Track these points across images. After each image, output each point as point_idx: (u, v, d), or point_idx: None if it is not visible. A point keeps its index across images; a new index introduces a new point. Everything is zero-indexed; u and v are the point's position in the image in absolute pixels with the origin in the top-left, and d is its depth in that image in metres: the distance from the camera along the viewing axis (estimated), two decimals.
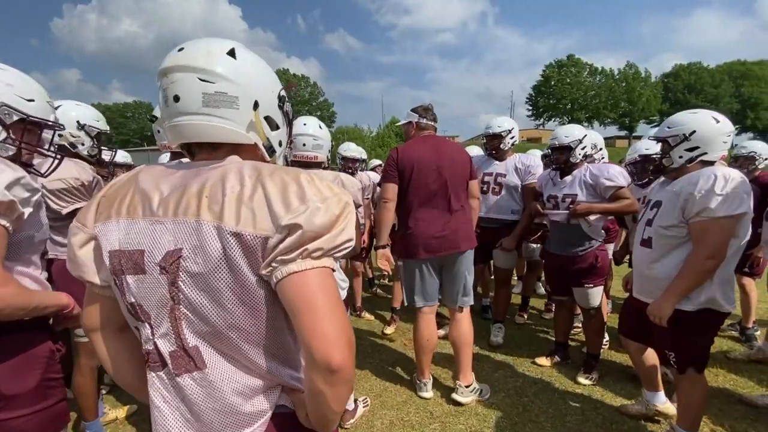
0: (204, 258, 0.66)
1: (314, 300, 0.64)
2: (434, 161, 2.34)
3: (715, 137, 1.75)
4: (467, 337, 2.47)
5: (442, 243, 2.36)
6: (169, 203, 0.70)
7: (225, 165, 0.72)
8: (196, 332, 0.70)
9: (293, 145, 1.99)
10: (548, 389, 2.63)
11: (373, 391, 2.65)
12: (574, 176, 2.69)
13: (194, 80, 0.71)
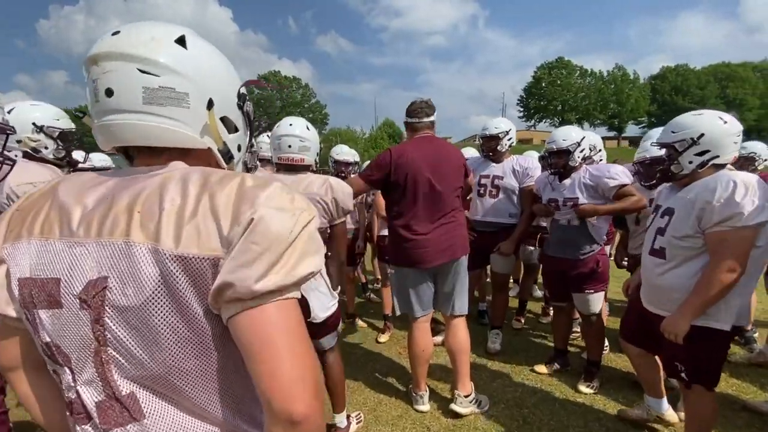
0: (136, 288, 0.54)
1: (273, 341, 0.53)
2: (432, 166, 2.22)
3: (724, 139, 1.65)
4: (464, 345, 2.38)
5: (438, 252, 2.25)
6: (92, 220, 0.57)
7: (166, 172, 0.61)
8: (129, 377, 0.58)
9: (278, 147, 1.87)
10: (548, 399, 2.54)
11: (366, 405, 2.53)
12: (573, 179, 2.61)
13: (133, 72, 0.59)
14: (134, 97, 0.60)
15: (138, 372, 0.57)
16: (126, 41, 0.60)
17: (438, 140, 2.38)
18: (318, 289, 1.93)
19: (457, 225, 2.32)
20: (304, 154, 1.89)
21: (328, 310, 1.97)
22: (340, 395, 2.14)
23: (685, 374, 1.73)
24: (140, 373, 0.57)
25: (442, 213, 2.26)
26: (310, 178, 1.87)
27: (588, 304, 2.60)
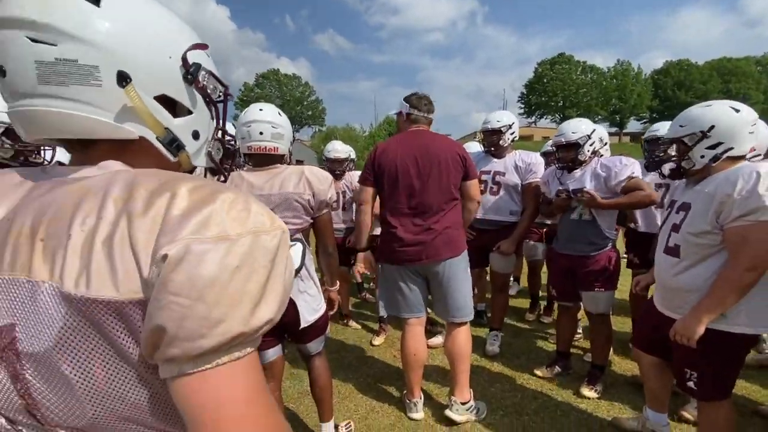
0: (49, 338, 0.42)
1: (214, 410, 0.41)
2: (417, 162, 2.09)
3: (738, 129, 1.52)
4: (464, 350, 2.23)
5: (420, 251, 2.11)
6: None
7: (87, 179, 0.48)
8: (69, 428, 0.46)
9: (247, 135, 1.71)
10: (550, 405, 2.41)
11: (357, 413, 2.40)
12: (584, 170, 2.47)
13: (23, 41, 0.45)
14: (28, 74, 0.46)
15: (75, 421, 0.46)
16: (14, 1, 0.45)
17: (430, 134, 2.23)
18: (307, 291, 1.79)
19: (446, 224, 2.14)
20: (278, 143, 1.72)
21: (317, 312, 1.84)
22: (327, 403, 2.00)
23: (695, 383, 1.59)
24: (77, 422, 0.46)
25: (427, 209, 2.12)
26: (285, 174, 1.70)
27: (598, 303, 2.46)
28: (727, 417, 1.60)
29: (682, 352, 1.61)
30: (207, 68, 0.58)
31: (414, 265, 2.15)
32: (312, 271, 1.84)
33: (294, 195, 1.68)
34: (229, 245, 0.42)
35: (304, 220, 1.74)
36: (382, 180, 2.14)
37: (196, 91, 0.58)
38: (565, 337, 2.78)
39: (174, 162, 0.56)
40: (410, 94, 2.29)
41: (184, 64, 0.54)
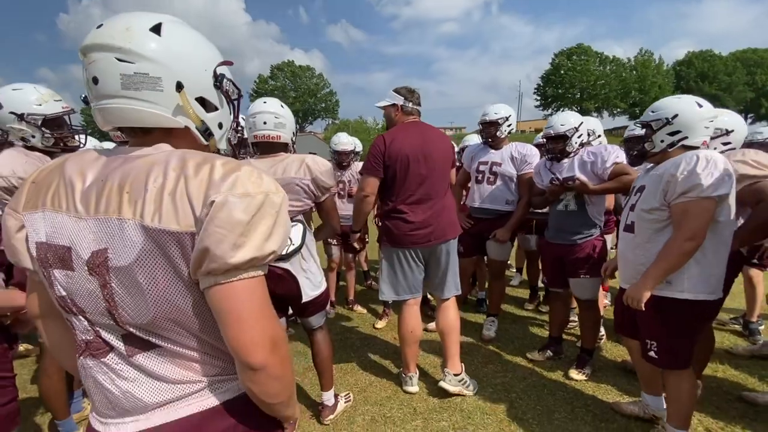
0: (132, 256, 0.63)
1: (238, 311, 0.64)
2: (423, 151, 2.25)
3: (696, 122, 1.71)
4: (454, 324, 2.43)
5: (429, 233, 2.28)
6: (90, 198, 0.66)
7: (152, 155, 0.69)
8: (138, 325, 0.68)
9: (253, 125, 1.89)
10: (538, 385, 2.55)
11: (357, 386, 2.58)
12: (572, 159, 2.58)
13: (112, 60, 0.66)
14: (114, 83, 0.67)
15: (141, 320, 0.67)
16: (106, 33, 0.66)
17: (426, 125, 2.40)
18: (309, 270, 1.97)
19: (447, 208, 2.36)
20: (280, 131, 1.89)
21: (317, 288, 2.02)
22: (328, 374, 2.19)
23: (655, 353, 1.77)
24: (143, 321, 0.67)
25: (433, 196, 2.29)
26: (287, 161, 1.88)
27: (583, 289, 2.58)
28: (689, 387, 1.75)
29: (643, 325, 1.80)
30: (228, 77, 0.80)
31: (423, 246, 2.31)
32: (313, 251, 2.01)
33: (295, 179, 1.85)
34: (250, 199, 0.63)
35: (305, 203, 1.92)
36: (393, 170, 2.25)
37: (221, 94, 0.79)
38: (556, 322, 2.91)
39: (205, 145, 0.77)
40: (400, 87, 2.41)
41: (214, 75, 0.76)
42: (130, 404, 0.70)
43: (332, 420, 2.20)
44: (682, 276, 1.67)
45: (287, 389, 0.73)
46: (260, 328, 0.65)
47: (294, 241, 1.88)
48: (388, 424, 2.19)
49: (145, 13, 0.70)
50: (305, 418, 2.25)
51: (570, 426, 2.15)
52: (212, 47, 0.77)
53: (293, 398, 0.77)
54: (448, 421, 2.21)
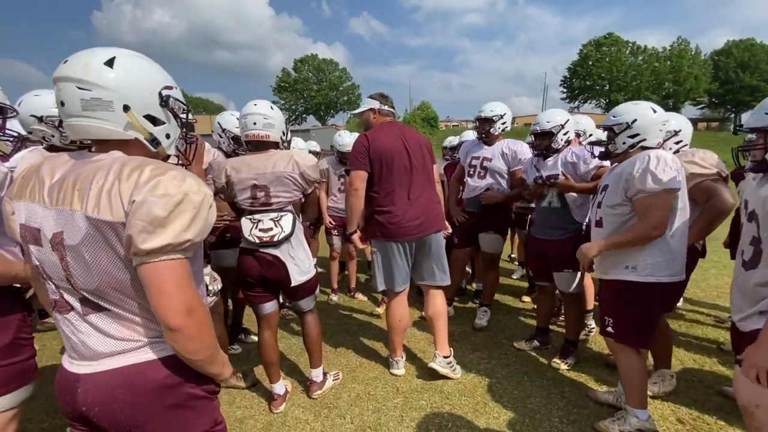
0: (79, 238, 0.83)
1: (159, 284, 0.82)
2: (403, 146, 2.39)
3: (652, 125, 1.91)
4: (441, 310, 2.58)
5: (418, 225, 2.42)
6: (53, 192, 0.86)
7: (102, 160, 0.87)
8: (88, 290, 0.88)
9: (244, 125, 2.08)
10: (520, 372, 2.66)
11: (348, 366, 2.77)
12: (555, 158, 2.66)
13: (73, 89, 0.85)
14: (76, 105, 0.85)
15: (91, 286, 0.86)
16: (69, 68, 0.85)
17: (402, 125, 2.56)
18: (296, 257, 2.14)
19: (431, 201, 2.49)
20: (269, 131, 2.07)
21: (306, 274, 2.19)
22: (317, 352, 2.38)
23: (612, 326, 1.96)
24: (93, 287, 0.86)
25: (419, 188, 2.43)
26: (276, 157, 2.06)
27: (567, 282, 2.66)
28: (639, 366, 1.94)
29: (604, 303, 2.06)
30: (174, 96, 0.98)
31: (413, 238, 2.44)
32: (302, 239, 2.19)
33: (284, 173, 2.03)
34: (168, 198, 0.81)
35: (294, 194, 2.10)
36: (378, 164, 2.39)
37: (168, 111, 0.96)
38: (544, 314, 3.00)
39: (154, 152, 0.96)
40: (374, 93, 2.59)
41: (160, 96, 0.94)
42: (86, 352, 0.90)
43: (320, 395, 2.39)
44: (646, 261, 1.85)
45: (206, 349, 0.90)
46: (177, 297, 0.82)
47: (284, 229, 2.06)
48: (371, 401, 2.37)
49: (103, 49, 0.88)
50: (297, 393, 2.45)
51: (542, 410, 2.26)
52: (160, 73, 0.95)
53: (216, 358, 0.94)
54: (427, 400, 2.36)
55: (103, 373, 0.89)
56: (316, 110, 55.22)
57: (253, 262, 2.09)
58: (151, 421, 0.91)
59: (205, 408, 0.99)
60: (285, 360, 2.86)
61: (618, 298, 1.95)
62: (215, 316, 2.39)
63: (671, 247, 1.85)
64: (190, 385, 0.95)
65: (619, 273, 1.93)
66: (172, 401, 0.92)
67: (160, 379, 0.91)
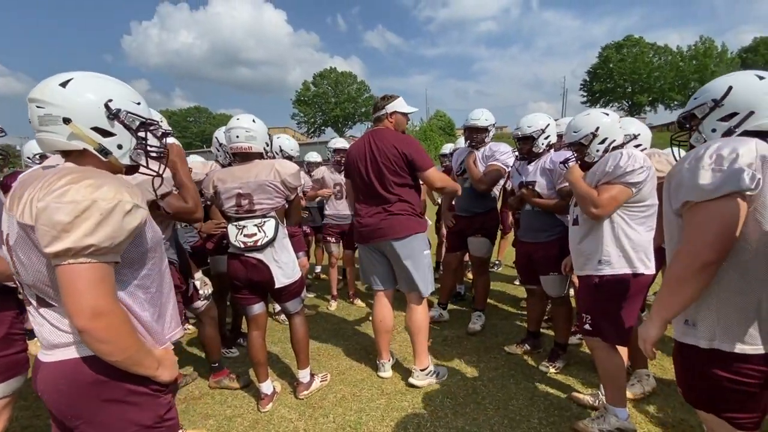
0: (15, 239, 0.95)
1: (67, 285, 0.89)
2: (365, 155, 2.46)
3: (612, 127, 2.03)
4: (420, 325, 2.55)
5: (371, 232, 2.50)
6: (12, 200, 0.97)
7: (50, 168, 0.99)
8: (31, 286, 0.98)
9: (228, 139, 2.25)
10: (506, 375, 2.67)
11: (338, 369, 2.84)
12: (536, 164, 2.70)
13: (34, 107, 0.98)
14: (35, 122, 0.99)
15: (29, 282, 0.97)
16: (34, 90, 0.99)
17: (382, 132, 2.49)
18: (280, 260, 2.26)
19: (395, 208, 2.44)
20: (251, 143, 2.22)
21: (290, 278, 2.30)
22: (303, 353, 2.47)
23: (590, 323, 1.99)
24: (30, 283, 0.97)
25: (377, 200, 2.47)
26: (259, 167, 2.20)
27: (553, 285, 2.67)
28: (615, 361, 1.97)
29: (579, 301, 2.12)
30: (127, 110, 1.06)
31: (370, 243, 2.54)
32: (286, 243, 2.31)
33: (266, 181, 2.17)
34: (75, 205, 0.87)
35: (277, 201, 2.23)
36: (350, 173, 2.59)
37: (119, 123, 1.06)
38: (533, 317, 3.00)
39: (106, 162, 1.04)
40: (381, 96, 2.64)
41: (107, 109, 1.03)
42: (44, 341, 1.00)
43: (306, 395, 2.47)
44: (619, 256, 1.92)
45: (120, 352, 0.94)
46: (83, 300, 0.88)
47: (267, 234, 2.19)
48: (355, 401, 2.43)
49: (67, 74, 1.00)
50: (285, 393, 2.55)
51: (523, 412, 2.27)
52: (115, 90, 1.05)
53: (139, 361, 0.99)
54: (409, 401, 2.41)
55: (53, 363, 0.98)
56: (334, 122, 56.16)
57: (239, 265, 2.23)
58: (88, 412, 0.98)
59: (147, 404, 1.04)
60: (279, 363, 2.97)
61: (594, 294, 1.99)
62: (208, 320, 2.55)
63: (641, 240, 1.91)
64: (129, 380, 1.00)
65: (594, 268, 1.98)
66: (109, 396, 0.99)
67: (97, 373, 0.97)
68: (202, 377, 2.76)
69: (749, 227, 1.10)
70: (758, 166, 1.07)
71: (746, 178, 1.05)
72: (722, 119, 1.31)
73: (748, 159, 1.07)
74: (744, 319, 1.15)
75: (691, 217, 1.15)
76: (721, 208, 1.08)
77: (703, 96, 1.36)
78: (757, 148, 1.08)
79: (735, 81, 1.30)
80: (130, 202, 0.94)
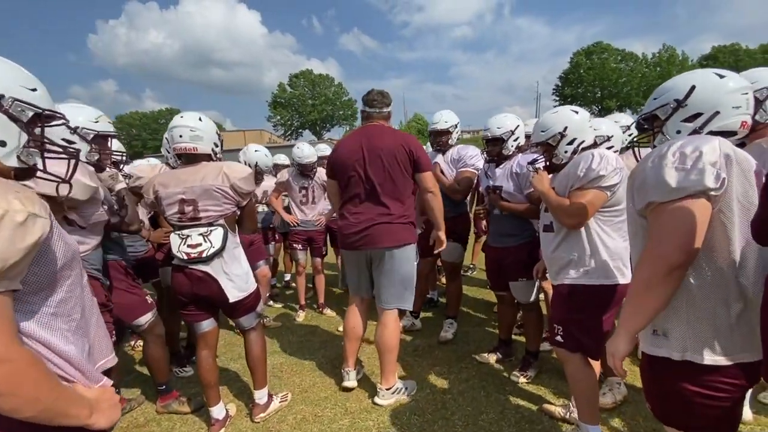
0: None
1: None
2: (359, 154, 2.30)
3: (582, 125, 1.91)
4: (389, 343, 2.38)
5: (362, 239, 2.34)
6: None
7: None
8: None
9: (171, 138, 2.04)
10: (477, 387, 2.56)
11: (300, 386, 2.66)
12: (504, 168, 2.61)
13: None
14: None
15: None
16: None
17: (379, 128, 2.36)
18: (231, 272, 2.07)
19: (391, 213, 2.30)
20: (197, 143, 2.01)
21: (243, 291, 2.11)
22: (260, 372, 2.28)
23: (562, 335, 1.87)
24: None
25: (377, 203, 2.31)
26: (205, 170, 1.99)
27: (522, 292, 2.59)
28: (587, 377, 1.86)
29: (552, 310, 1.99)
30: (14, 97, 0.87)
31: (358, 250, 2.38)
32: (238, 254, 2.12)
33: (213, 186, 1.97)
34: None
35: (225, 208, 2.03)
36: (338, 173, 2.39)
37: (2, 113, 0.86)
38: (504, 325, 2.91)
39: None
40: (367, 92, 2.47)
41: None
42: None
43: (263, 418, 2.28)
44: (596, 265, 1.80)
45: (31, 405, 0.72)
46: None
47: (214, 244, 1.99)
48: (317, 423, 2.26)
49: None
50: (240, 416, 2.35)
51: (493, 427, 2.16)
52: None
53: (58, 411, 0.77)
54: (374, 420, 2.26)
55: None
56: (312, 125, 55.54)
57: (183, 279, 2.02)
58: None
59: None
60: (238, 382, 2.76)
61: (568, 303, 1.87)
62: (152, 338, 2.32)
63: (616, 249, 1.81)
64: None
65: (568, 277, 1.86)
66: None
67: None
68: (150, 400, 2.52)
69: (715, 228, 1.05)
70: (722, 165, 1.03)
71: (711, 178, 1.01)
72: (686, 120, 1.25)
73: (712, 157, 1.02)
74: (715, 326, 1.07)
75: (656, 218, 1.09)
76: (687, 208, 1.03)
77: (664, 96, 1.30)
78: (720, 147, 1.04)
79: (696, 80, 1.24)
80: (21, 211, 0.72)
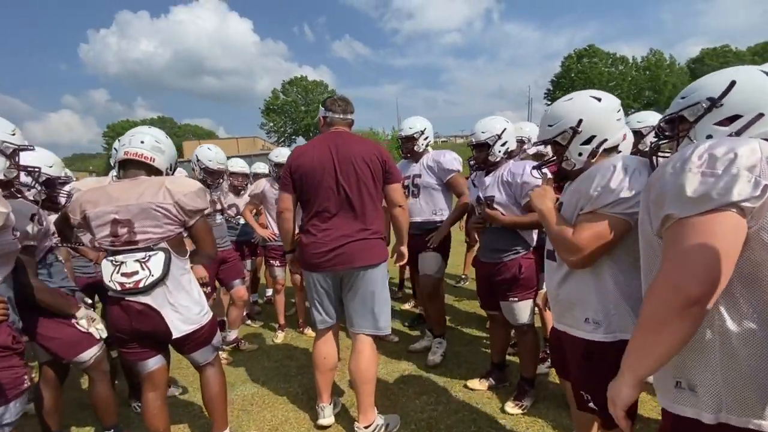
0: None
1: None
2: (330, 163, 2.04)
3: (604, 117, 1.37)
4: (366, 374, 2.11)
5: (333, 258, 2.07)
6: None
7: None
8: None
9: (128, 142, 1.81)
10: (468, 420, 2.29)
11: (271, 423, 2.38)
12: (494, 176, 2.37)
13: None
14: None
15: None
16: None
17: (347, 136, 2.15)
18: (177, 303, 1.79)
19: (365, 228, 2.08)
20: (156, 155, 1.80)
21: (193, 323, 1.83)
22: (219, 412, 2.00)
23: (593, 404, 1.41)
24: None
25: (351, 218, 2.07)
26: (144, 186, 1.72)
27: (513, 313, 2.34)
28: None
29: (573, 369, 1.47)
30: None
31: (328, 271, 2.11)
32: (186, 281, 1.84)
33: (152, 204, 1.69)
34: None
35: (167, 229, 1.75)
36: (300, 184, 2.10)
37: None
38: (497, 347, 2.65)
39: None
40: (327, 98, 2.28)
41: None
42: None
43: None
44: (613, 313, 1.33)
45: None
46: None
47: (153, 272, 1.71)
48: None
49: None
50: None
51: None
52: None
53: None
54: None
55: None
56: (305, 132, 55.32)
57: (120, 312, 1.74)
58: None
59: None
60: (201, 418, 2.47)
61: (586, 366, 1.41)
62: (98, 375, 2.03)
63: (633, 294, 1.31)
64: None
65: (579, 327, 1.41)
66: None
67: None
68: None
69: (754, 252, 0.79)
70: (764, 171, 0.76)
71: (747, 186, 0.75)
72: (721, 122, 0.99)
73: (750, 161, 0.77)
74: (760, 380, 0.80)
75: (672, 237, 0.83)
76: (713, 225, 0.77)
77: (695, 94, 1.04)
78: (762, 149, 0.79)
79: (738, 75, 0.99)
80: None
